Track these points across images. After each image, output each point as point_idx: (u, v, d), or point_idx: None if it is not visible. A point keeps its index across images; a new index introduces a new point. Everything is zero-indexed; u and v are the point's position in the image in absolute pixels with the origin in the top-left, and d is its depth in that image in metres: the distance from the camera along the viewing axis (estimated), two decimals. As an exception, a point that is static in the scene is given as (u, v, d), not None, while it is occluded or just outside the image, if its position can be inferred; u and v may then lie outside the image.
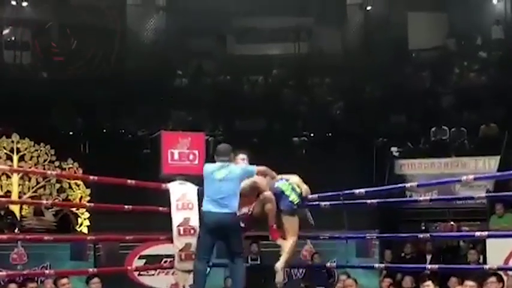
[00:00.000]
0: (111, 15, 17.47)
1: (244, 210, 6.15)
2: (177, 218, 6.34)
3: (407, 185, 6.42)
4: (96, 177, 6.32)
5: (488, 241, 9.11)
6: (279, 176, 6.30)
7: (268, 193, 6.09)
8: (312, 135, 14.54)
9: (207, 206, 5.94)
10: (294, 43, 18.59)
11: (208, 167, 6.08)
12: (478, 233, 6.67)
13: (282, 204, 6.07)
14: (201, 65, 17.83)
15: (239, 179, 6.00)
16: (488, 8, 17.92)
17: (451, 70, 16.54)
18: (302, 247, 10.55)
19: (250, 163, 6.28)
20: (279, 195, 6.10)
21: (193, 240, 6.20)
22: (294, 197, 6.11)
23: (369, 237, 8.59)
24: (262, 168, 6.21)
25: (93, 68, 16.51)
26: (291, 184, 6.18)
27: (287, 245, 6.05)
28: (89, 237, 9.54)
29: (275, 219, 6.11)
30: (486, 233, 6.80)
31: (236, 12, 17.78)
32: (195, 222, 6.20)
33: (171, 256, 6.57)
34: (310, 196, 6.34)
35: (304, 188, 6.28)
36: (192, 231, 6.24)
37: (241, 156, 6.29)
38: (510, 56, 16.51)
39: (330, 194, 6.47)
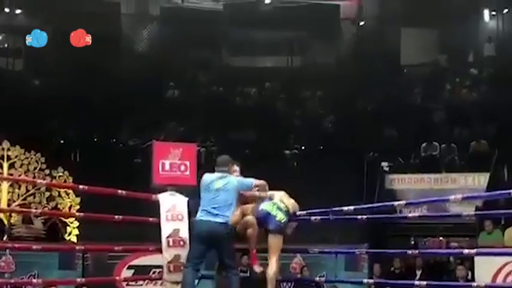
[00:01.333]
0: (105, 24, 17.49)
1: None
2: (166, 229, 6.33)
3: (396, 203, 6.40)
4: (86, 187, 6.30)
5: (477, 258, 9.13)
6: (269, 193, 6.30)
7: (250, 218, 6.08)
8: (303, 148, 14.57)
9: (200, 215, 5.96)
10: (287, 56, 18.67)
11: (207, 177, 6.10)
12: (466, 251, 6.68)
13: (270, 224, 6.04)
14: (195, 76, 17.86)
15: (235, 190, 6.02)
16: (481, 26, 18.06)
17: (443, 86, 16.63)
18: (291, 260, 10.56)
19: (244, 175, 6.27)
20: (266, 216, 6.06)
21: (182, 252, 6.18)
22: (280, 216, 6.08)
23: (358, 252, 8.60)
24: (260, 182, 6.21)
25: (85, 76, 16.48)
26: (275, 204, 6.13)
27: (272, 263, 6.01)
28: (77, 247, 9.50)
29: (256, 243, 6.14)
30: (474, 250, 6.81)
31: (231, 24, 17.84)
32: (184, 233, 6.19)
33: (160, 267, 6.55)
34: (298, 212, 6.33)
35: (291, 203, 6.27)
36: (181, 243, 6.23)
37: (234, 168, 6.29)
38: (501, 74, 16.63)
39: (318, 210, 6.46)
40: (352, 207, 6.17)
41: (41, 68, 17.08)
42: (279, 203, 6.15)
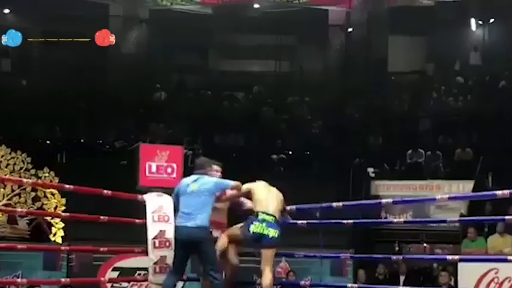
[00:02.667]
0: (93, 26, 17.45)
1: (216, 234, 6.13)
2: (152, 230, 6.32)
3: (383, 201, 6.46)
4: (71, 186, 6.29)
5: (460, 264, 9.20)
6: (246, 186, 6.13)
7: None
8: (290, 153, 14.61)
9: (178, 220, 5.93)
10: (275, 61, 18.73)
11: (184, 181, 6.07)
12: (449, 257, 6.74)
13: (265, 243, 5.96)
14: (183, 79, 17.87)
15: (211, 191, 5.91)
16: (467, 35, 18.22)
17: (429, 94, 16.75)
18: (277, 265, 10.59)
19: (231, 179, 6.24)
20: (258, 238, 5.96)
21: (168, 253, 6.18)
22: (273, 233, 5.95)
23: (343, 257, 8.65)
24: (237, 183, 6.12)
25: (73, 78, 16.46)
26: (264, 220, 5.96)
27: (266, 273, 5.95)
28: (62, 247, 9.48)
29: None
30: (457, 256, 6.87)
31: (219, 28, 17.87)
32: (170, 234, 6.19)
33: (146, 269, 6.55)
34: (288, 208, 6.28)
35: (278, 203, 6.11)
36: (167, 244, 6.22)
37: (215, 168, 6.20)
38: (487, 82, 16.79)
39: (306, 206, 6.46)
40: (341, 203, 6.18)
41: (28, 68, 17.03)
42: (267, 218, 5.98)
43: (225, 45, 18.60)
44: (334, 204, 6.22)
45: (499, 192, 5.42)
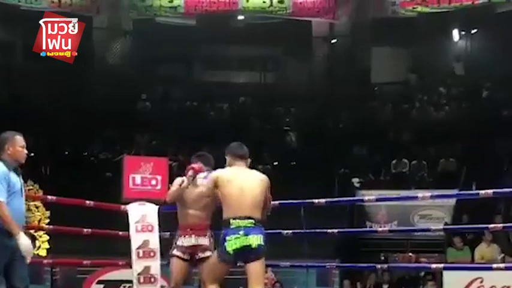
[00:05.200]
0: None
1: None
2: (136, 240, 6.28)
3: (366, 197, 6.48)
4: (54, 197, 6.26)
5: (445, 273, 9.23)
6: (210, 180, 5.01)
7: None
8: (275, 163, 14.63)
9: None
10: (260, 72, 18.77)
11: None
12: (434, 265, 6.77)
13: (251, 257, 4.74)
14: (168, 90, 17.85)
15: None
16: (450, 45, 18.37)
17: (412, 104, 16.86)
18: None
19: None
20: (241, 255, 4.73)
21: (153, 263, 6.15)
22: (256, 240, 4.71)
23: (328, 267, 8.66)
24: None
25: (56, 89, 16.38)
26: (241, 228, 4.69)
27: None
28: (45, 261, 9.39)
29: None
30: (442, 265, 6.90)
31: (203, 40, 17.90)
32: (155, 244, 6.15)
33: (130, 282, 6.51)
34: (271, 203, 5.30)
35: (254, 201, 4.83)
36: (151, 254, 6.19)
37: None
38: (470, 92, 16.93)
39: (290, 202, 6.42)
40: (323, 200, 6.15)
41: (12, 81, 16.94)
42: (243, 224, 4.71)
43: (210, 56, 18.63)
44: (316, 200, 6.16)
45: (482, 192, 5.53)
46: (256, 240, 4.67)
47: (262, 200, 4.86)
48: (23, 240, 4.58)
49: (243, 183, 4.83)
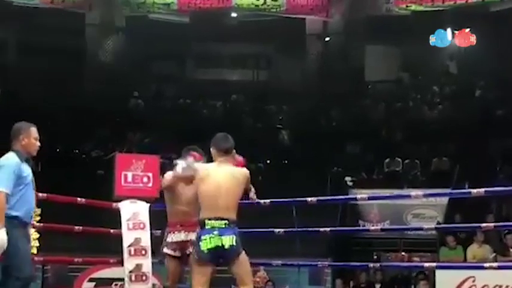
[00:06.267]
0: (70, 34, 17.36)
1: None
2: (127, 238, 6.26)
3: (358, 196, 6.47)
4: (45, 195, 6.22)
5: (438, 272, 9.23)
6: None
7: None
8: (268, 162, 14.59)
9: None
10: (253, 70, 18.73)
11: None
12: (426, 264, 6.77)
13: (225, 258, 4.80)
14: (160, 88, 17.80)
15: None
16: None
17: (406, 103, 16.86)
18: (254, 274, 10.53)
19: None
20: (216, 255, 4.78)
21: (144, 261, 6.12)
22: (229, 241, 4.73)
23: (320, 265, 8.64)
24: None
25: (49, 87, 16.31)
26: (215, 228, 4.74)
27: None
28: (36, 258, 9.32)
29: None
30: (435, 264, 6.90)
31: (196, 37, 17.85)
32: (146, 242, 6.12)
33: (122, 280, 6.48)
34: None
35: (228, 200, 4.84)
36: (143, 252, 6.17)
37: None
38: (462, 91, 16.94)
39: (282, 200, 6.41)
40: (315, 199, 6.14)
41: (4, 77, 16.85)
42: (217, 224, 4.75)
43: (203, 53, 18.58)
44: (309, 199, 6.13)
45: (474, 191, 5.57)
46: (229, 240, 4.73)
47: (237, 198, 4.91)
48: (1, 235, 4.51)
49: (219, 182, 4.86)
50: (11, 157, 4.70)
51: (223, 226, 4.75)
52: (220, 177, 4.88)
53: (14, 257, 4.54)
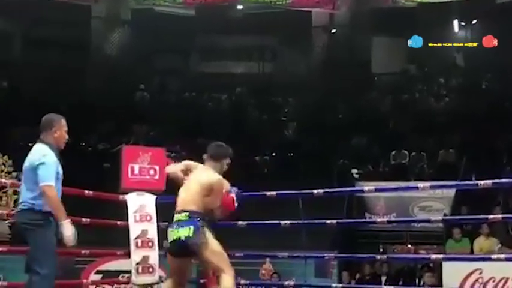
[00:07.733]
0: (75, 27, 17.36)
1: None
2: (134, 230, 6.26)
3: (365, 188, 6.43)
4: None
5: (444, 264, 9.22)
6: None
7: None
8: (274, 154, 14.58)
9: None
10: (258, 62, 18.69)
11: None
12: (433, 256, 6.75)
13: (183, 248, 4.76)
14: (166, 81, 17.80)
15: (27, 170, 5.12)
16: (450, 36, 18.29)
17: (412, 95, 16.80)
18: (260, 266, 10.54)
19: None
20: (178, 248, 4.77)
21: (151, 253, 6.13)
22: (184, 233, 4.70)
23: (326, 258, 8.63)
24: None
25: (55, 80, 16.32)
26: (177, 221, 4.78)
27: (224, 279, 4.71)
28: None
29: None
30: (441, 256, 6.88)
31: (201, 30, 17.82)
32: (153, 234, 6.13)
33: (129, 272, 6.49)
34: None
35: (192, 193, 4.85)
36: (150, 244, 6.17)
37: None
38: (469, 83, 16.88)
39: (288, 192, 6.39)
40: (321, 191, 6.11)
41: (9, 71, 16.87)
42: (179, 217, 4.79)
43: (208, 46, 18.56)
44: (315, 191, 6.14)
45: (481, 182, 5.52)
46: (185, 232, 4.71)
47: (202, 194, 4.86)
48: (67, 227, 4.46)
49: (191, 182, 4.96)
50: (48, 153, 4.65)
51: (184, 218, 4.76)
52: (195, 177, 4.98)
53: (39, 251, 4.54)
